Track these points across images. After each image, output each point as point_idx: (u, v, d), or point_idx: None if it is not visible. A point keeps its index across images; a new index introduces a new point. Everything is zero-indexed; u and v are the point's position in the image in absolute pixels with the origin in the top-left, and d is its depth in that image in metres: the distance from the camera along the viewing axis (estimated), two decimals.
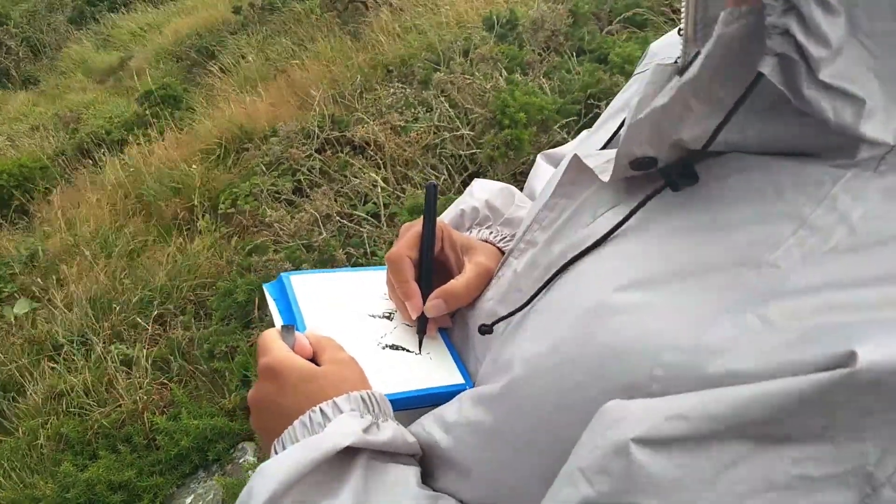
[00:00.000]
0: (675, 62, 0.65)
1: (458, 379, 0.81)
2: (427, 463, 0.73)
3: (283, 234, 4.10)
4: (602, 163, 0.69)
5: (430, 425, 0.73)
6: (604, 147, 0.81)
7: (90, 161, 6.68)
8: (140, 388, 3.65)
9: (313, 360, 0.77)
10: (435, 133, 4.39)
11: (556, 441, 0.58)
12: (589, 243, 0.64)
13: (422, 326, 0.85)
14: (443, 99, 4.48)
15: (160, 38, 9.86)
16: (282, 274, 0.90)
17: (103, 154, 6.65)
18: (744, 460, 0.46)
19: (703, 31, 0.63)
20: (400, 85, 5.05)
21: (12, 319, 4.55)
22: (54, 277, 4.84)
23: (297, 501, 0.64)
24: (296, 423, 0.69)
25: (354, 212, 4.13)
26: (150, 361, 3.82)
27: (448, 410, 0.72)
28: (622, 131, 0.64)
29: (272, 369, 0.74)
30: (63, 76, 10.45)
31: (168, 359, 3.86)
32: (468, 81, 4.42)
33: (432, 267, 0.86)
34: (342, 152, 4.66)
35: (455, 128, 4.30)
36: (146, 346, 3.96)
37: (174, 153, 5.89)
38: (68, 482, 3.16)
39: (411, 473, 0.70)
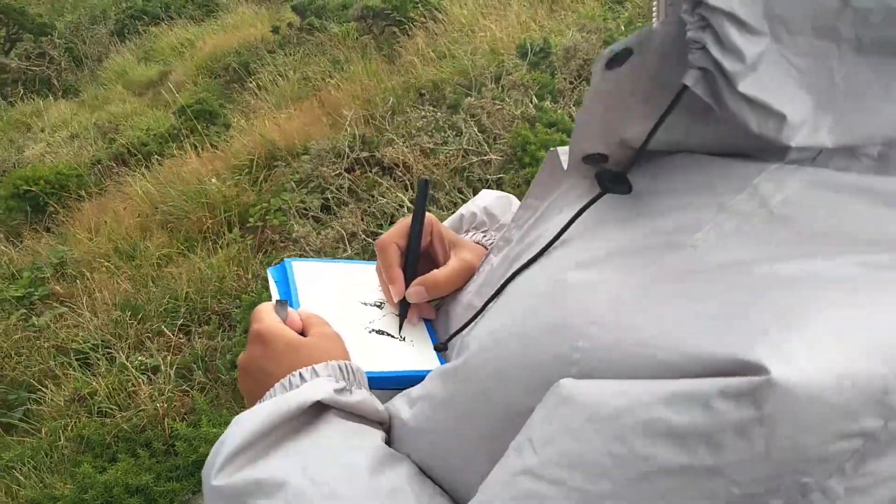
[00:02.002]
0: None
1: (436, 365, 0.85)
2: (392, 436, 0.77)
3: (309, 249, 4.15)
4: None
5: (398, 400, 0.78)
6: None
7: (125, 171, 6.79)
8: (162, 394, 3.70)
9: (302, 333, 0.82)
10: (463, 157, 4.44)
11: (495, 407, 0.62)
12: (541, 245, 0.68)
13: (403, 311, 0.90)
14: (472, 123, 4.53)
15: (200, 53, 10.01)
16: (286, 259, 0.95)
17: (139, 165, 6.77)
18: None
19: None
20: (431, 108, 5.11)
21: (36, 322, 4.64)
22: (82, 284, 4.93)
23: (267, 447, 0.69)
24: (276, 385, 0.75)
25: (380, 231, 4.18)
26: (173, 369, 3.88)
27: (415, 387, 0.76)
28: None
29: (261, 336, 0.79)
30: (103, 87, 10.63)
31: (191, 367, 3.92)
32: (498, 107, 4.47)
33: (418, 256, 0.91)
34: (371, 172, 4.72)
35: (483, 152, 4.35)
36: (170, 354, 4.02)
37: (207, 167, 5.98)
38: (87, 483, 3.21)
39: (376, 433, 0.74)
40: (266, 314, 0.82)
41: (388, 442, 0.76)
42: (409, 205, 4.24)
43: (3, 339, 4.55)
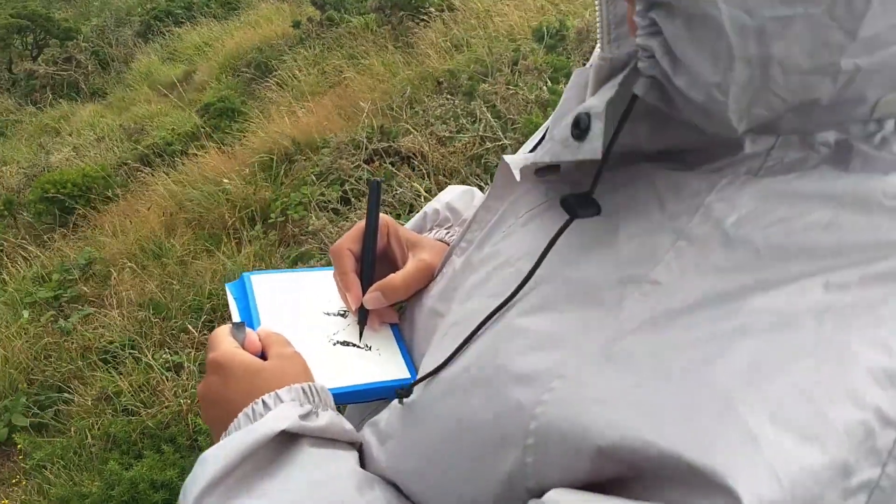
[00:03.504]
0: (590, 65, 0.66)
1: (404, 374, 0.81)
2: (365, 468, 0.74)
3: (328, 241, 4.17)
4: (520, 160, 0.71)
5: (367, 432, 0.75)
6: (533, 150, 0.82)
7: (150, 171, 6.87)
8: (185, 390, 3.75)
9: (263, 355, 0.78)
10: (480, 143, 4.43)
11: (456, 458, 0.60)
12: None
13: (362, 318, 0.86)
14: (486, 110, 4.52)
15: (223, 51, 10.08)
16: (244, 274, 0.91)
17: (164, 165, 6.84)
18: None
19: (616, 31, 0.64)
20: (448, 96, 5.11)
21: (64, 324, 4.71)
22: (109, 284, 5.00)
23: (235, 484, 0.65)
24: (240, 415, 0.70)
25: (398, 221, 4.18)
26: (197, 365, 3.92)
27: (381, 417, 0.74)
28: (538, 149, 0.66)
29: (218, 363, 0.75)
30: (129, 89, 10.74)
31: None
32: (512, 92, 4.45)
33: (374, 261, 0.87)
34: (389, 163, 4.73)
35: (498, 138, 4.33)
36: (194, 351, 4.06)
37: (230, 164, 6.03)
38: (114, 480, 3.26)
39: (350, 457, 0.71)
40: (222, 340, 0.78)
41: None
42: (426, 195, 4.24)
43: (33, 341, 4.63)
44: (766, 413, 0.43)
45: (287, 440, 0.69)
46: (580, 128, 0.55)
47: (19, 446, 3.91)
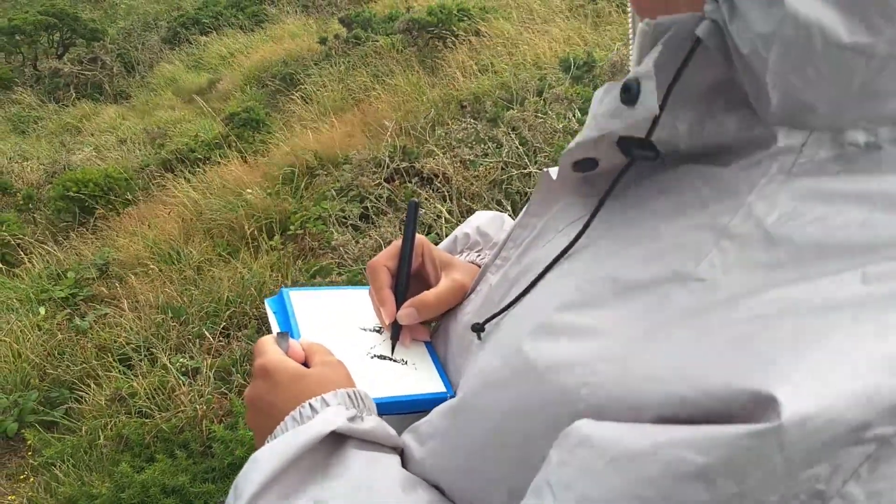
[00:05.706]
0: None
1: (440, 388, 0.85)
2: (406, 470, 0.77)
3: (348, 257, 4.20)
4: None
5: (407, 437, 0.77)
6: None
7: (172, 176, 6.91)
8: (201, 396, 3.76)
9: (305, 364, 0.82)
10: (503, 169, 4.46)
11: (505, 449, 0.62)
12: (548, 261, 0.68)
13: (395, 333, 0.90)
14: (513, 136, 4.55)
15: (248, 63, 10.16)
16: (282, 289, 0.96)
17: (186, 171, 6.89)
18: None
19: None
20: (472, 120, 5.14)
21: (79, 323, 4.73)
22: (125, 286, 5.03)
23: (289, 484, 0.68)
24: (286, 418, 0.74)
25: None
26: (213, 371, 3.94)
27: (423, 423, 0.76)
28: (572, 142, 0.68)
29: (265, 369, 0.79)
30: (153, 93, 10.84)
31: (230, 370, 3.97)
32: (540, 120, 4.48)
33: (408, 278, 0.91)
34: (410, 182, 4.76)
35: (523, 165, 4.36)
36: (210, 357, 4.08)
37: (252, 174, 6.07)
38: (124, 482, 3.26)
39: (394, 459, 0.74)
40: (268, 347, 0.82)
41: None
42: (448, 216, 4.27)
43: (47, 338, 4.65)
44: (807, 368, 0.46)
45: (334, 442, 0.72)
46: (630, 93, 0.55)
47: (29, 442, 3.92)
